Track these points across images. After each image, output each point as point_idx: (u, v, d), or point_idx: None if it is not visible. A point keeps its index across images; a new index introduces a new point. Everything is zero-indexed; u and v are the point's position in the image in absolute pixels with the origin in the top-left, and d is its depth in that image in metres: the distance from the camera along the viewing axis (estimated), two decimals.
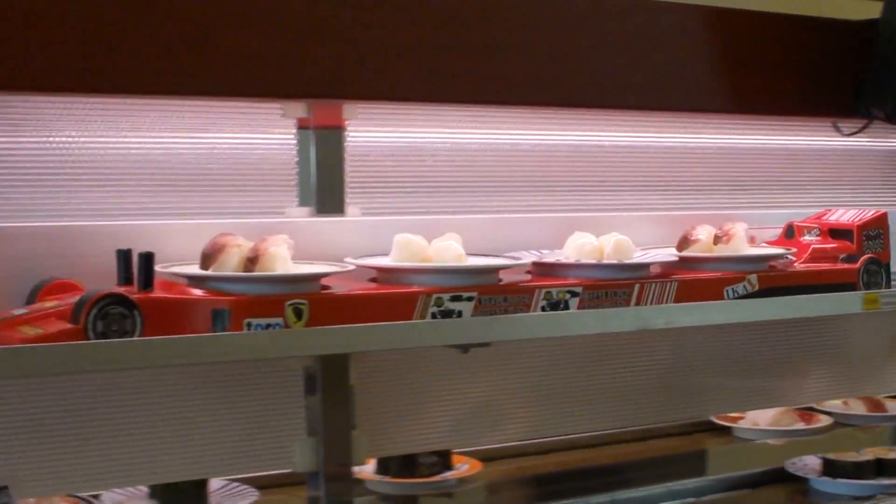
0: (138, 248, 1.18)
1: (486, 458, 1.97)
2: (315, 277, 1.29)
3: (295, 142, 1.50)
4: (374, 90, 1.45)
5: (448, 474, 1.91)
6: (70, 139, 1.34)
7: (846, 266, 1.73)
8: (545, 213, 1.77)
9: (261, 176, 1.50)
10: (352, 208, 1.52)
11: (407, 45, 1.44)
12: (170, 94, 1.34)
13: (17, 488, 1.26)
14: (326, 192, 1.49)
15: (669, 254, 1.67)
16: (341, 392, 1.49)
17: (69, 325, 1.06)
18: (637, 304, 1.51)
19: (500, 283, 1.44)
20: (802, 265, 1.74)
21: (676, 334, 1.90)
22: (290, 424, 1.49)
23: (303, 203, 1.51)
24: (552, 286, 1.45)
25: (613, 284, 1.51)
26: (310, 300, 1.20)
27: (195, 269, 1.26)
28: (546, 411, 1.80)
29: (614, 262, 1.54)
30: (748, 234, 1.71)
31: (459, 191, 1.71)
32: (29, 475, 1.30)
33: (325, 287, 1.30)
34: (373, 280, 1.41)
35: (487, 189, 1.74)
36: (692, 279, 1.62)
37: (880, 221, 1.74)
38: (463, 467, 1.94)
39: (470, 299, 1.34)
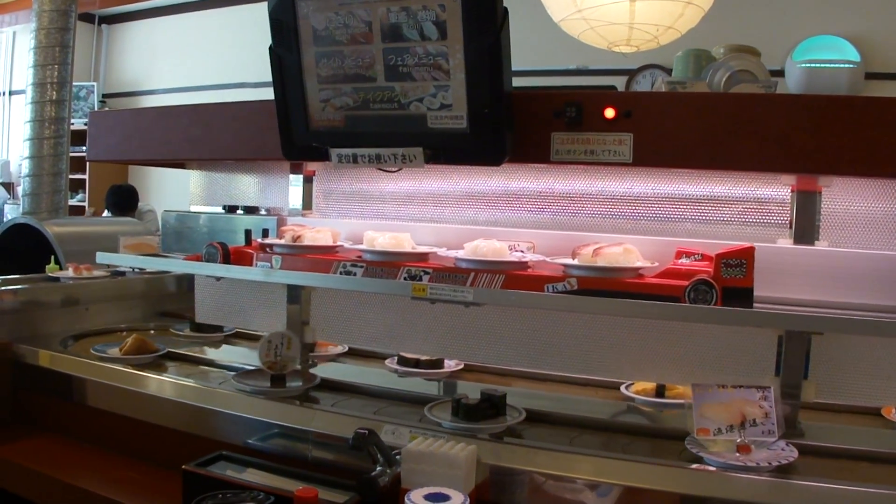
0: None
1: None
2: None
3: (789, 198, 1.96)
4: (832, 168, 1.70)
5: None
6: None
7: (668, 281, 1.84)
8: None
9: (762, 216, 2.04)
10: (820, 242, 1.91)
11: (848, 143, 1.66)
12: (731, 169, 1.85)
13: None
14: (804, 231, 1.92)
15: (537, 256, 2.03)
16: (799, 351, 1.91)
17: None
18: (471, 285, 1.92)
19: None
20: (651, 279, 1.87)
21: None
22: (765, 364, 1.96)
23: (790, 237, 1.94)
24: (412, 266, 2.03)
25: (456, 270, 1.98)
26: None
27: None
28: None
29: (468, 256, 1.98)
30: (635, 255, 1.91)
31: None
32: None
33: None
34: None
35: None
36: (517, 274, 1.94)
37: (744, 253, 1.80)
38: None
39: None
